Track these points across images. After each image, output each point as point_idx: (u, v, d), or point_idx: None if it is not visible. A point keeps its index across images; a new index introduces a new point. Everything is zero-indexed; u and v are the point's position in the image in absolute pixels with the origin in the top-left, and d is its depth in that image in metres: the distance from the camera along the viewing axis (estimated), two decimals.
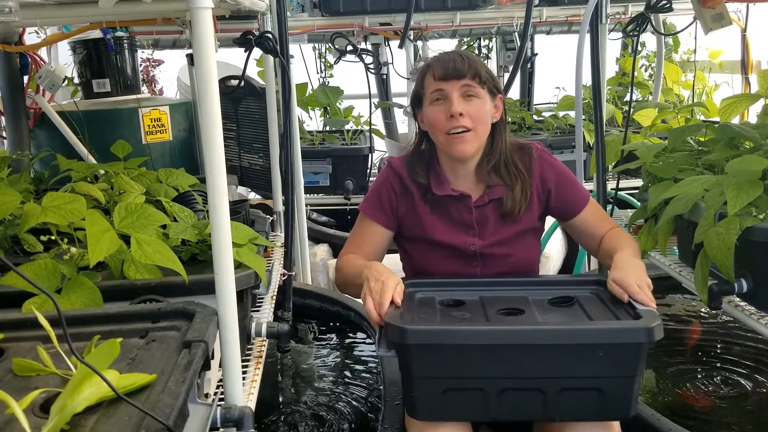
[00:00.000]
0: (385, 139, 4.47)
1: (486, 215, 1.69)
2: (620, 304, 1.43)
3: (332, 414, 2.13)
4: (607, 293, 1.50)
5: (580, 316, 1.42)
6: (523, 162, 1.71)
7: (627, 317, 1.36)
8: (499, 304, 1.48)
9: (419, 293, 1.56)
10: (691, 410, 2.06)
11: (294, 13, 3.84)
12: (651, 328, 1.27)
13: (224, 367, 1.22)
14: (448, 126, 1.60)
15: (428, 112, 1.64)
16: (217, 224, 1.16)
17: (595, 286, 1.56)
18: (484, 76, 1.61)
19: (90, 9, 1.96)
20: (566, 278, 1.65)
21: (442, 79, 1.60)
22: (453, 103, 1.59)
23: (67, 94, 3.18)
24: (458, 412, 1.37)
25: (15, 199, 1.54)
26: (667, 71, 4.22)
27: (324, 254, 3.49)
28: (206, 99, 1.12)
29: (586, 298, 1.52)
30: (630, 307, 1.40)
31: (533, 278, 1.65)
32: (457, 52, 1.67)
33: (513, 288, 1.58)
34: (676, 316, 2.69)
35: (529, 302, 1.49)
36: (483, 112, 1.62)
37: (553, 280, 1.64)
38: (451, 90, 1.60)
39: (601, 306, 1.46)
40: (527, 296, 1.53)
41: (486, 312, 1.44)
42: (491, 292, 1.56)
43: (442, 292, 1.57)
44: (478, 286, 1.59)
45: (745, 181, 1.63)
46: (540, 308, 1.46)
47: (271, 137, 2.71)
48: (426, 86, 1.65)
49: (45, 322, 0.96)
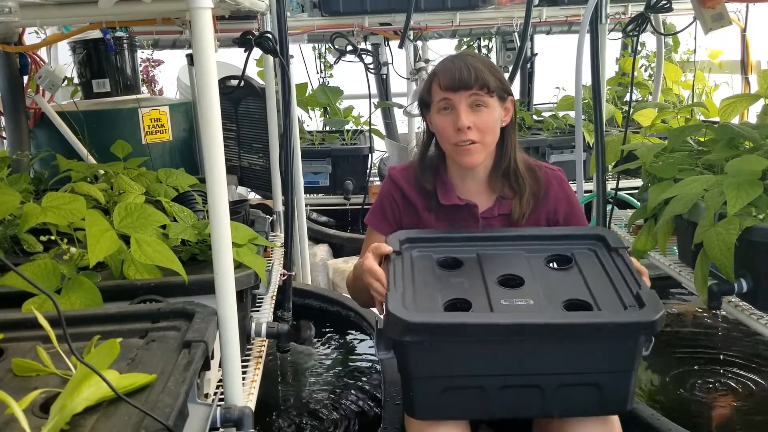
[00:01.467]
0: (385, 139, 4.47)
1: (493, 226, 1.67)
2: (618, 271, 1.42)
3: (332, 414, 2.13)
4: (603, 250, 1.51)
5: (578, 285, 1.41)
6: (532, 179, 1.69)
7: (627, 292, 1.35)
8: (498, 267, 1.47)
9: (416, 251, 1.55)
10: (691, 410, 2.06)
11: (294, 13, 3.84)
12: (649, 322, 1.26)
13: (224, 367, 1.22)
14: (455, 138, 1.59)
15: (436, 121, 1.63)
16: (217, 224, 1.16)
17: (592, 241, 1.55)
18: (493, 85, 1.57)
19: (90, 9, 1.95)
20: (564, 232, 1.62)
21: (449, 90, 1.57)
22: (460, 117, 1.56)
23: (66, 94, 3.18)
24: (457, 411, 1.37)
25: (15, 199, 1.54)
26: (667, 71, 4.22)
27: (324, 254, 3.49)
28: (206, 99, 1.12)
29: (583, 257, 1.51)
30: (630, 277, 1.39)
31: (530, 232, 1.62)
32: (464, 59, 1.61)
33: (510, 244, 1.57)
34: (676, 316, 2.69)
35: (528, 264, 1.48)
36: (491, 121, 1.60)
37: (550, 234, 1.60)
38: (459, 101, 1.57)
39: (599, 270, 1.45)
40: (524, 254, 1.52)
41: (486, 281, 1.42)
42: (489, 250, 1.55)
43: (438, 248, 1.56)
44: (475, 241, 1.58)
45: (744, 181, 1.64)
46: (538, 274, 1.45)
47: (271, 137, 2.71)
48: (433, 94, 1.62)
49: (45, 322, 0.96)
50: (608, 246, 1.52)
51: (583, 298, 1.36)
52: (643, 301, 1.30)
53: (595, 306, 1.33)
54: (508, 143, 1.67)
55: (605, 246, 1.53)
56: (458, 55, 1.69)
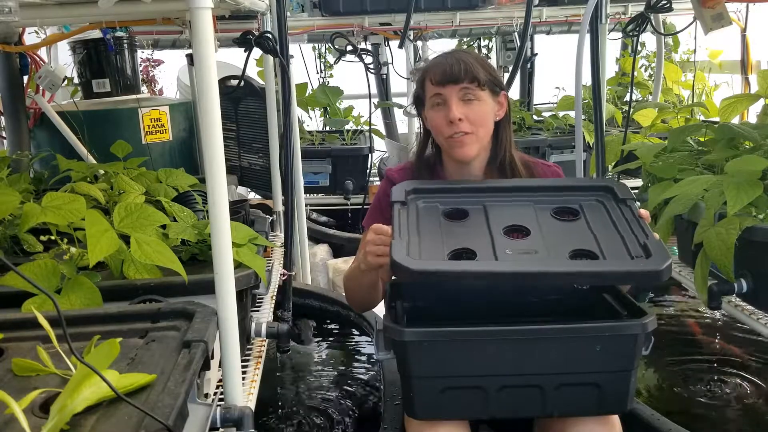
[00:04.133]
0: (385, 139, 4.47)
1: None
2: (626, 222, 1.40)
3: (331, 414, 2.13)
4: (612, 202, 1.49)
5: (585, 235, 1.38)
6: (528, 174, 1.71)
7: (634, 241, 1.33)
8: (504, 218, 1.45)
9: (421, 202, 1.54)
10: (691, 410, 2.06)
11: (294, 13, 3.83)
12: (655, 271, 1.25)
13: (224, 367, 1.22)
14: (448, 131, 1.61)
15: (430, 116, 1.65)
16: (217, 224, 1.16)
17: (600, 193, 1.53)
18: (483, 79, 1.59)
19: (90, 9, 1.95)
20: (571, 183, 1.59)
21: (440, 84, 1.60)
22: (451, 109, 1.58)
23: (66, 94, 3.17)
24: (457, 411, 1.37)
25: (15, 199, 1.54)
26: (667, 71, 4.22)
27: (324, 254, 3.49)
28: (206, 99, 1.12)
29: (591, 208, 1.48)
30: (637, 228, 1.37)
31: (537, 183, 1.59)
32: (455, 54, 1.65)
33: (517, 195, 1.54)
34: (676, 316, 2.69)
35: (534, 215, 1.46)
36: (483, 114, 1.61)
37: (558, 186, 1.57)
38: (450, 94, 1.59)
39: (606, 221, 1.43)
40: (532, 205, 1.50)
41: (491, 231, 1.40)
42: (495, 201, 1.53)
43: (445, 199, 1.54)
44: (481, 192, 1.56)
45: (744, 181, 1.64)
46: (544, 224, 1.43)
47: (271, 137, 2.71)
48: (426, 90, 1.65)
49: (45, 322, 0.96)
50: (616, 197, 1.49)
51: (589, 248, 1.34)
52: (650, 251, 1.28)
53: (601, 256, 1.31)
54: (503, 138, 1.69)
55: (614, 197, 1.50)
56: (449, 51, 1.71)
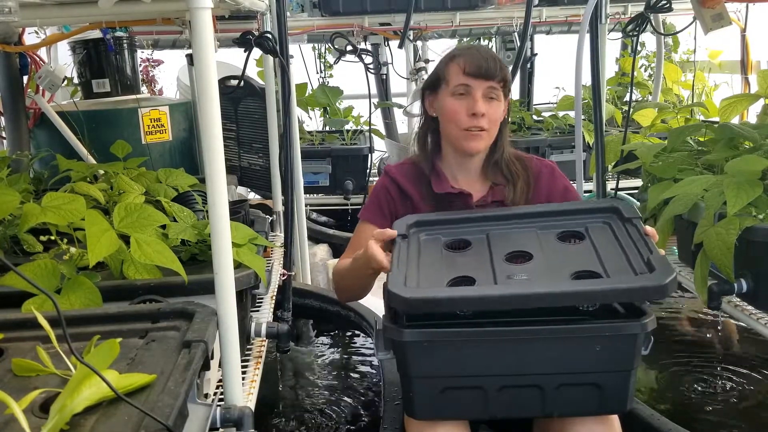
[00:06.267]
0: (385, 139, 4.47)
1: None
2: (631, 240, 1.39)
3: (332, 414, 2.13)
4: (618, 222, 1.47)
5: (589, 257, 1.37)
6: (522, 167, 1.73)
7: (638, 259, 1.32)
8: (507, 245, 1.44)
9: (423, 235, 1.54)
10: (690, 410, 2.06)
11: (293, 13, 3.83)
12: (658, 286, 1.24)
13: (224, 367, 1.22)
14: (467, 123, 1.63)
15: (447, 103, 1.66)
16: (217, 224, 1.16)
17: (607, 214, 1.51)
18: (509, 82, 1.66)
19: (90, 9, 1.95)
20: (576, 206, 1.56)
21: (471, 76, 1.62)
22: (477, 103, 1.61)
23: (66, 94, 3.18)
24: (457, 411, 1.37)
25: (14, 199, 1.54)
26: (667, 71, 4.22)
27: (324, 254, 3.49)
28: (206, 99, 1.12)
29: (597, 230, 1.47)
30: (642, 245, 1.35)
31: (542, 209, 1.58)
32: (487, 51, 1.68)
33: (522, 222, 1.53)
34: (676, 316, 2.69)
35: (538, 240, 1.44)
36: (499, 114, 1.66)
37: (563, 210, 1.56)
38: (477, 88, 1.62)
39: (611, 241, 1.41)
40: (536, 231, 1.48)
41: (492, 259, 1.39)
42: (499, 229, 1.52)
43: (447, 231, 1.54)
44: (485, 221, 1.55)
45: (744, 181, 1.64)
46: (548, 248, 1.41)
47: (271, 137, 2.71)
48: (450, 76, 1.65)
49: (44, 323, 0.96)
50: (622, 217, 1.48)
51: (593, 268, 1.33)
52: (654, 266, 1.27)
53: (605, 275, 1.30)
54: (503, 136, 1.72)
55: (619, 217, 1.49)
56: (477, 45, 1.72)
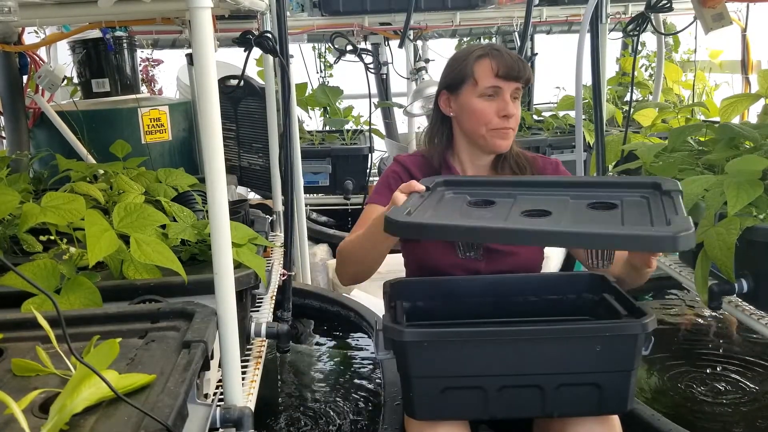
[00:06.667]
0: (385, 139, 4.47)
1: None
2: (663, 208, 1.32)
3: (331, 414, 2.13)
4: (656, 195, 1.41)
5: (612, 219, 1.32)
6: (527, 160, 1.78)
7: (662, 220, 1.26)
8: (529, 205, 1.41)
9: (450, 192, 1.53)
10: (691, 410, 2.06)
11: (294, 13, 3.83)
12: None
13: (224, 367, 1.22)
14: (497, 124, 1.67)
15: (476, 104, 1.68)
16: (217, 224, 1.16)
17: (648, 190, 1.45)
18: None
19: (89, 9, 1.95)
20: (619, 180, 1.49)
21: (503, 78, 1.65)
22: (509, 105, 1.66)
23: (66, 93, 3.18)
24: (457, 411, 1.37)
25: (14, 199, 1.54)
26: (667, 71, 4.22)
27: (324, 254, 3.49)
28: (206, 99, 1.12)
29: (632, 202, 1.41)
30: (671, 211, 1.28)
31: (581, 180, 1.54)
32: (511, 52, 1.71)
33: (555, 189, 1.50)
34: (676, 316, 2.69)
35: (564, 205, 1.39)
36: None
37: (603, 182, 1.49)
38: (507, 90, 1.67)
39: (643, 209, 1.35)
40: (567, 199, 1.44)
41: (510, 214, 1.35)
42: (530, 194, 1.49)
43: (476, 191, 1.53)
44: (518, 186, 1.53)
45: (745, 181, 1.63)
46: (571, 210, 1.36)
47: (271, 137, 2.71)
48: (480, 77, 1.67)
49: (44, 323, 0.96)
50: (661, 190, 1.43)
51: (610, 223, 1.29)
52: (671, 222, 1.22)
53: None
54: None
55: (659, 191, 1.44)
56: (500, 45, 1.75)
